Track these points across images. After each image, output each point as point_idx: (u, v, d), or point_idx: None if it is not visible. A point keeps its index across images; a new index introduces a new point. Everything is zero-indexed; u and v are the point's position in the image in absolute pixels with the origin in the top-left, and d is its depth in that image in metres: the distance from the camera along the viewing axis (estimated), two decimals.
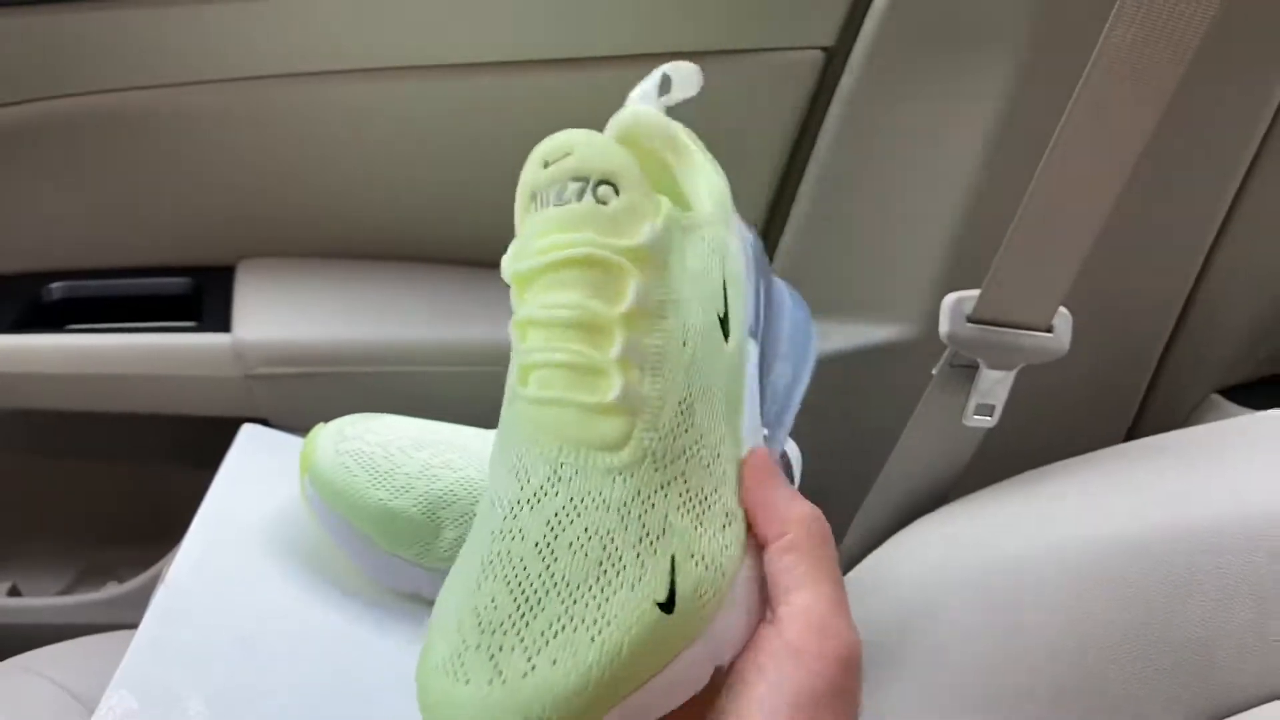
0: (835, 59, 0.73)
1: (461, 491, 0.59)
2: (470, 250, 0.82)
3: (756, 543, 0.38)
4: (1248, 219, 0.78)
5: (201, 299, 0.83)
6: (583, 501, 0.35)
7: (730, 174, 0.76)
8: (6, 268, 0.84)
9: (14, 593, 0.91)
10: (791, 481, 0.51)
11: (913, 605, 0.55)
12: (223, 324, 0.80)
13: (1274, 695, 0.44)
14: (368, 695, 0.56)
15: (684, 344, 0.38)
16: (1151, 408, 0.87)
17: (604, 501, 0.35)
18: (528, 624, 0.33)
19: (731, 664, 0.35)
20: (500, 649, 0.33)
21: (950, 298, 0.55)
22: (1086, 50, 0.48)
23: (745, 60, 0.73)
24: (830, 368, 0.80)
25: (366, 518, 0.58)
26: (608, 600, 0.34)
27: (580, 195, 0.38)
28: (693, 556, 0.36)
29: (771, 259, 0.81)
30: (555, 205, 0.38)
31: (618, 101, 0.45)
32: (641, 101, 0.44)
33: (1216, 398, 0.87)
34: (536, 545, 0.34)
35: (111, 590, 0.88)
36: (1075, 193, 0.51)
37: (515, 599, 0.34)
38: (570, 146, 0.39)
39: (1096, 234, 0.52)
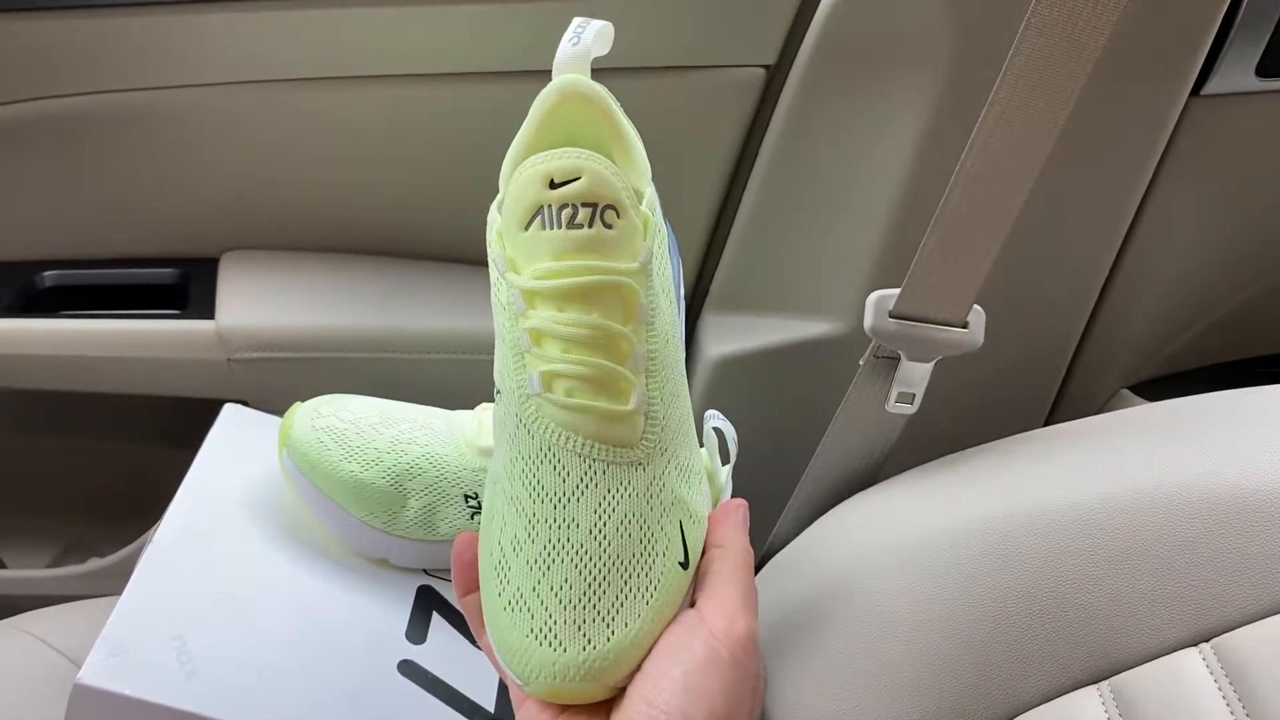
0: (776, 76, 0.75)
1: (426, 465, 0.61)
2: (436, 246, 0.83)
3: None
4: (1151, 228, 0.80)
5: (187, 288, 0.84)
6: (617, 492, 0.41)
7: (680, 181, 0.80)
8: (1, 256, 0.84)
9: None
10: (727, 459, 0.53)
11: (838, 578, 0.57)
12: (207, 312, 0.80)
13: (1160, 653, 0.45)
14: (338, 646, 0.58)
15: (666, 342, 0.43)
16: (1066, 401, 0.88)
17: (633, 490, 0.41)
18: (600, 598, 0.39)
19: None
20: (585, 621, 0.39)
21: (874, 295, 0.56)
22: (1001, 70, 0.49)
23: (694, 76, 0.75)
24: (770, 360, 0.82)
25: (339, 488, 0.61)
26: (650, 569, 0.40)
27: (591, 221, 0.40)
28: (691, 517, 0.42)
29: (717, 261, 0.83)
30: (568, 228, 0.40)
31: None
32: (571, 54, 0.43)
33: (1126, 392, 0.89)
34: (591, 532, 0.40)
35: (94, 564, 0.88)
36: (985, 199, 0.52)
37: (585, 578, 0.40)
38: (579, 170, 0.40)
39: (1005, 238, 0.53)
